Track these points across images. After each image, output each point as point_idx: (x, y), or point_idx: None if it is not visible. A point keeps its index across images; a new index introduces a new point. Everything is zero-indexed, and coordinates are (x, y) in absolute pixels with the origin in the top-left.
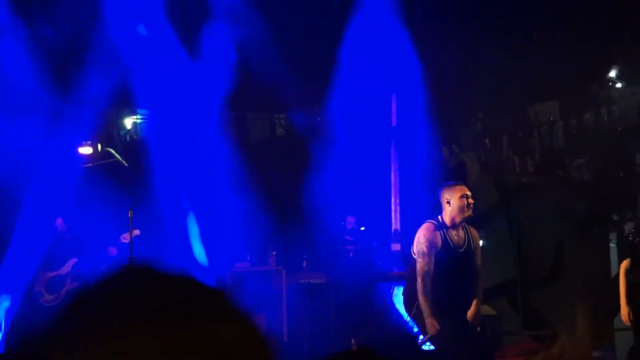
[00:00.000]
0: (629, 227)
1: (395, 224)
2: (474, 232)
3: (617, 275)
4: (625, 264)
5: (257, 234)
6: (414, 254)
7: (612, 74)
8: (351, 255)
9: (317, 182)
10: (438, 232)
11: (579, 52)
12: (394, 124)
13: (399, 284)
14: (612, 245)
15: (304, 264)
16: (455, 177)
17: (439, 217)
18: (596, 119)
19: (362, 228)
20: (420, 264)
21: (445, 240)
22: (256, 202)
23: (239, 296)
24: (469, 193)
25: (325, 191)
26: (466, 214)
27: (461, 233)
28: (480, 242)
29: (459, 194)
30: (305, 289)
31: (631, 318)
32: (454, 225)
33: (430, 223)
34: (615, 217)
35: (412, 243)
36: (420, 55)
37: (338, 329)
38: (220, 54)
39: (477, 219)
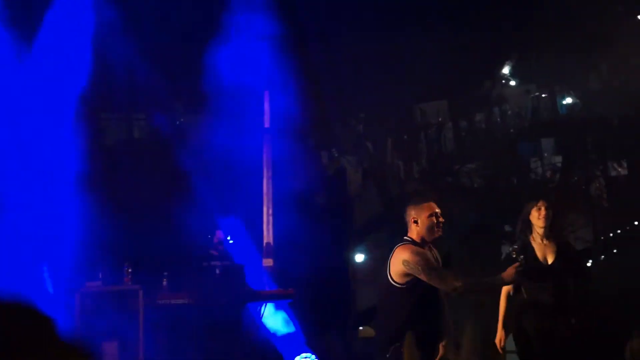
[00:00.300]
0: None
1: (268, 237)
2: (436, 252)
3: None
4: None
5: (110, 248)
6: (398, 284)
7: (505, 71)
8: (218, 272)
9: (180, 190)
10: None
11: (469, 48)
12: (267, 125)
13: (272, 303)
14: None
15: (164, 283)
16: (335, 184)
17: (407, 237)
18: (488, 120)
19: (230, 240)
20: (444, 281)
21: None
22: (110, 213)
23: (88, 320)
24: (438, 211)
25: (188, 200)
26: (436, 234)
27: (429, 254)
28: (362, 257)
29: (427, 213)
30: (166, 311)
31: (502, 345)
32: (424, 245)
33: (406, 244)
34: (507, 229)
35: (286, 258)
36: (296, 51)
37: (202, 355)
38: (69, 47)
39: (360, 231)
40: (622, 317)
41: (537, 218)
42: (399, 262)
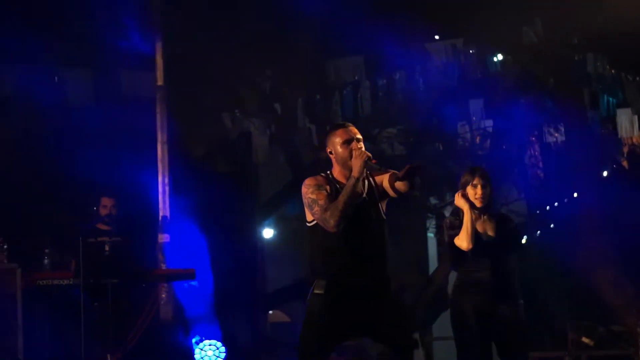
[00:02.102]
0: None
1: (164, 209)
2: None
3: (436, 271)
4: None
5: None
6: (307, 222)
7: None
8: (107, 249)
9: (64, 154)
10: None
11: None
12: (159, 82)
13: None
14: (430, 235)
15: (46, 261)
16: (239, 150)
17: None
18: (409, 79)
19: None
20: (321, 218)
21: None
22: None
23: None
24: (356, 136)
25: (75, 165)
26: (353, 163)
27: (324, 186)
28: (271, 233)
29: (340, 140)
30: (48, 293)
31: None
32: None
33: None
34: (433, 201)
35: (186, 233)
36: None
37: (91, 342)
38: None
39: (268, 203)
40: (558, 299)
41: (474, 197)
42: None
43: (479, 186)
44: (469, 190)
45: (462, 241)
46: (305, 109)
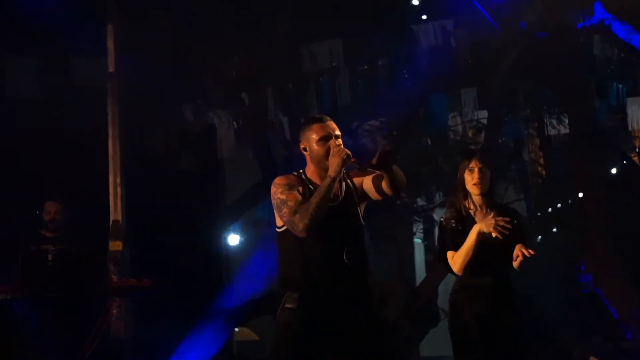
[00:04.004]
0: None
1: (115, 213)
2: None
3: (424, 282)
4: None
5: None
6: (277, 227)
7: (415, 1)
8: (51, 259)
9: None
10: None
11: None
12: (111, 68)
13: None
14: (417, 240)
15: None
16: (202, 145)
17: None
18: (394, 66)
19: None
20: (290, 221)
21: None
22: None
23: None
24: (334, 133)
25: (17, 163)
26: (331, 162)
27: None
28: (238, 239)
29: (316, 136)
30: None
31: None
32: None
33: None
34: (420, 202)
35: (141, 239)
36: None
37: None
38: None
39: (234, 205)
40: (561, 312)
41: (471, 184)
42: None
43: (475, 170)
44: (466, 176)
45: (455, 265)
46: (277, 100)
